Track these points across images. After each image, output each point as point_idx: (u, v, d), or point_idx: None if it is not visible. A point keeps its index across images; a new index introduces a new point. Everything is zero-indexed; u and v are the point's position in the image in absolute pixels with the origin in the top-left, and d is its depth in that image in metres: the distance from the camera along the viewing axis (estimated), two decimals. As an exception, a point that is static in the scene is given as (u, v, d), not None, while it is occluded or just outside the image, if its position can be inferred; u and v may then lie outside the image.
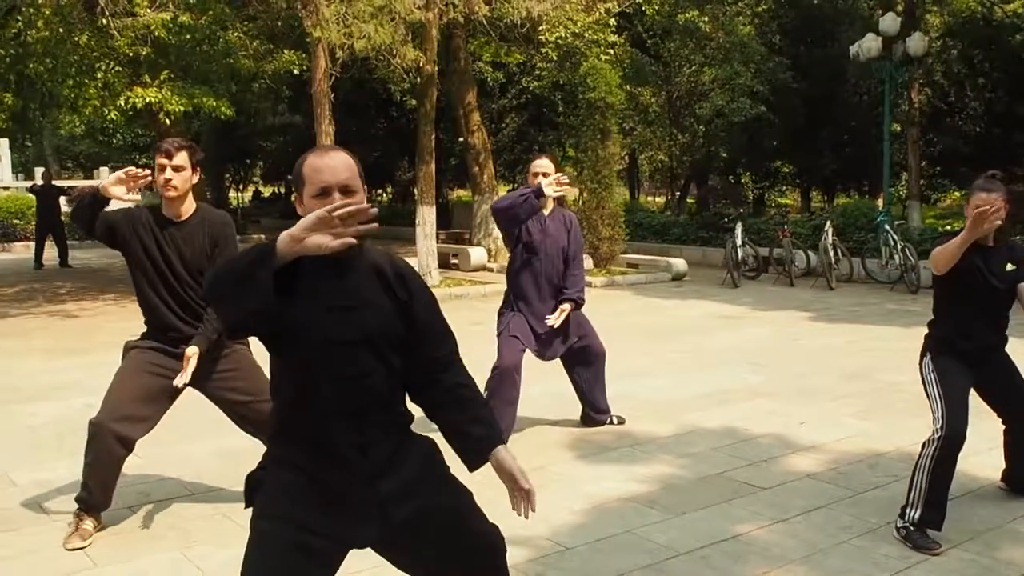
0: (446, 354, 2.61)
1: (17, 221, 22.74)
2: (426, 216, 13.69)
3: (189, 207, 4.30)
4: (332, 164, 2.35)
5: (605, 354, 6.10)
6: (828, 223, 14.63)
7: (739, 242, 14.91)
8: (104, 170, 29.97)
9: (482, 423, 2.59)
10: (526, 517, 2.54)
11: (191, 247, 4.26)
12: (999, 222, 4.13)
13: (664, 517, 4.49)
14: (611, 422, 6.21)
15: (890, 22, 15.65)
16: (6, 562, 4.01)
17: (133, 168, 4.28)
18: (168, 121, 12.14)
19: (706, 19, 19.88)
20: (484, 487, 2.94)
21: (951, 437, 4.20)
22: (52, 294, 13.72)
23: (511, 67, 23.60)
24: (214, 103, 12.48)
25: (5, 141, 27.39)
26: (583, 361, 6.01)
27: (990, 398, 4.62)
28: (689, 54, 21.76)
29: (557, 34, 15.60)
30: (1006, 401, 4.59)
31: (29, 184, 20.66)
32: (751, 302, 12.48)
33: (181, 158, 4.18)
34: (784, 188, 31.44)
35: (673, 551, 4.08)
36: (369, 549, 2.56)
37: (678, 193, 26.71)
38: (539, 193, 5.46)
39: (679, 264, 15.63)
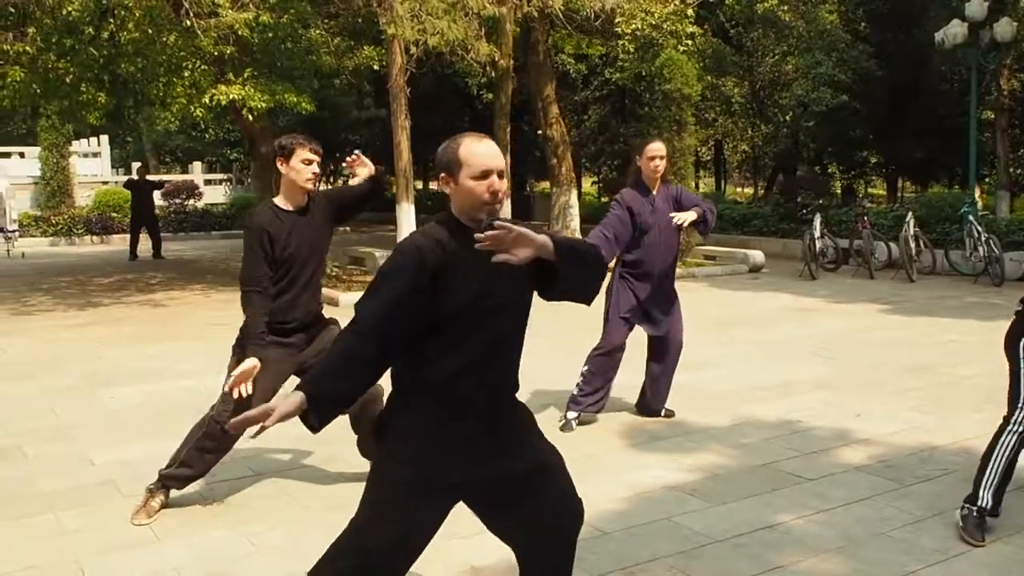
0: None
1: (115, 214, 23.70)
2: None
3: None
4: (491, 151, 2.68)
5: (681, 348, 6.23)
6: (910, 214, 14.35)
7: (817, 234, 14.72)
8: (198, 164, 30.89)
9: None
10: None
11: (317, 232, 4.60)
12: None
13: (704, 506, 4.57)
14: (663, 414, 6.29)
15: (976, 7, 15.21)
16: (73, 535, 4.30)
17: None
18: (251, 117, 12.53)
19: (786, 8, 19.58)
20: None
21: None
22: (144, 284, 14.32)
23: (593, 59, 23.65)
24: (295, 99, 12.86)
25: (105, 138, 28.54)
26: (662, 349, 6.17)
27: None
28: (771, 44, 21.49)
29: (634, 25, 15.59)
30: None
31: (127, 179, 21.50)
32: (827, 294, 12.34)
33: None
34: (872, 178, 30.78)
35: (709, 538, 4.16)
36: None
37: (764, 184, 26.44)
38: None
39: (756, 256, 15.50)
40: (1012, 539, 4.12)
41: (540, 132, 19.22)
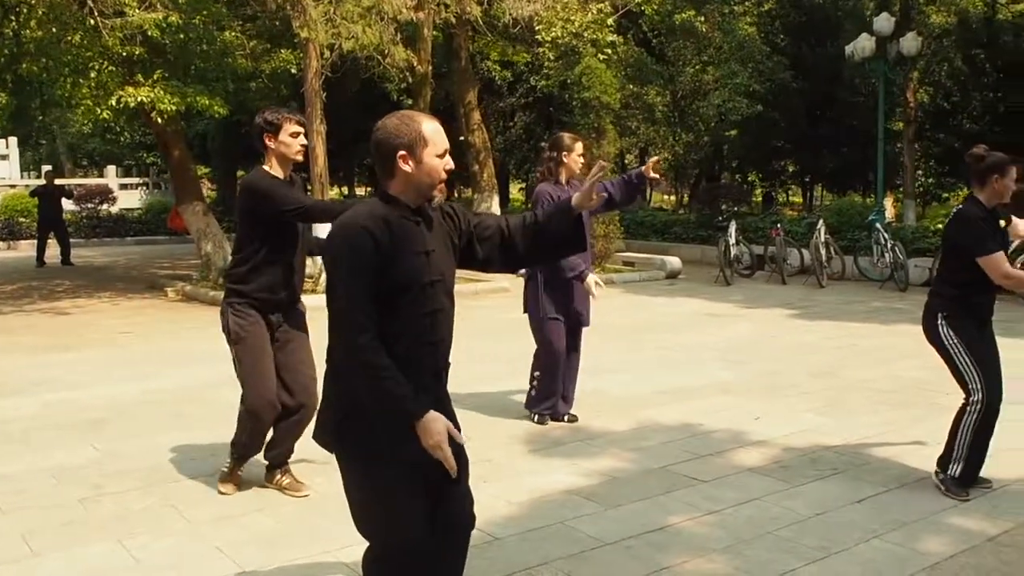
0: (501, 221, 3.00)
1: (23, 219, 22.99)
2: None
3: None
4: (443, 131, 2.78)
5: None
6: (820, 221, 14.66)
7: (732, 240, 14.96)
8: (112, 168, 30.21)
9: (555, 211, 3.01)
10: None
11: None
12: None
13: (599, 509, 4.58)
14: (566, 419, 6.31)
15: (884, 22, 15.64)
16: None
17: None
18: (160, 120, 12.25)
19: (702, 19, 19.87)
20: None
21: (991, 404, 4.55)
22: (49, 291, 13.91)
23: (519, 66, 23.68)
24: (207, 102, 12.60)
25: (13, 140, 27.70)
26: (573, 341, 6.28)
27: None
28: (691, 54, 21.79)
29: (554, 33, 15.66)
30: None
31: (35, 186, 20.88)
32: (739, 300, 12.53)
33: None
34: (792, 186, 31.42)
35: (599, 541, 4.17)
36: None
37: (688, 192, 26.78)
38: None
39: (673, 262, 15.67)
40: (889, 535, 4.20)
41: (461, 138, 19.21)
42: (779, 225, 15.27)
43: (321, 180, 12.63)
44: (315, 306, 4.44)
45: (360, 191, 37.79)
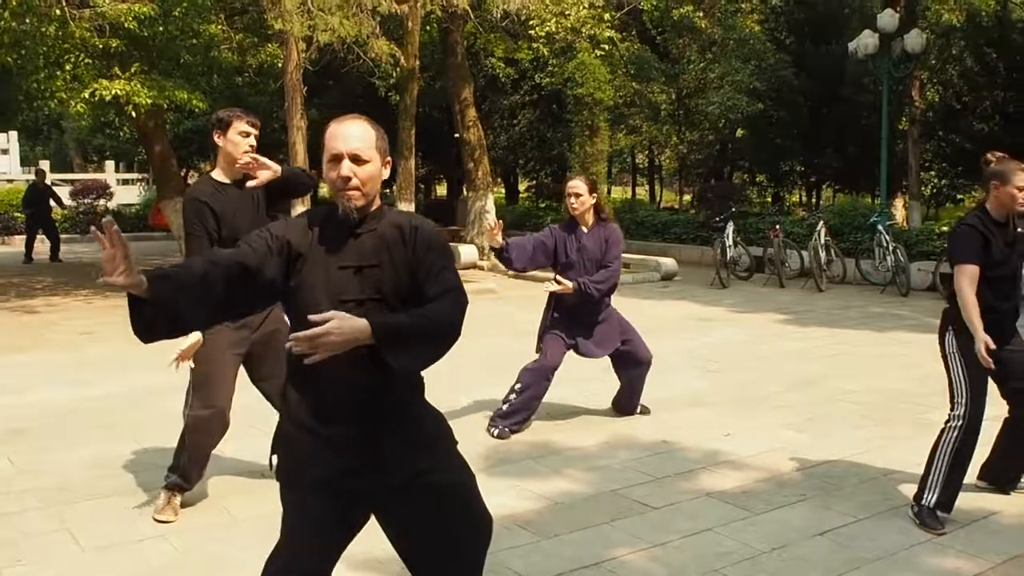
0: (437, 294, 2.54)
1: (19, 214, 22.70)
2: (405, 213, 13.39)
3: None
4: (346, 132, 2.49)
5: (650, 362, 6.31)
6: (820, 222, 14.19)
7: (729, 242, 14.52)
8: (110, 163, 29.96)
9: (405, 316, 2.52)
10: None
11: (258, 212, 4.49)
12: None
13: (532, 540, 4.17)
14: (641, 411, 6.41)
15: (888, 19, 15.12)
16: None
17: None
18: (134, 114, 11.89)
19: (701, 15, 19.40)
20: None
21: (973, 421, 4.33)
22: (27, 289, 13.58)
23: (524, 63, 23.25)
24: (185, 96, 12.24)
25: (14, 134, 27.47)
26: (629, 364, 6.23)
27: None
28: (695, 52, 21.31)
29: (548, 28, 15.25)
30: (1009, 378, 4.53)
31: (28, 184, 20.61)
32: (733, 304, 12.09)
33: None
34: (802, 188, 30.82)
35: (526, 578, 3.77)
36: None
37: (693, 191, 26.31)
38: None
39: (669, 264, 15.24)
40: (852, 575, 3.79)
41: (456, 135, 18.80)
42: (778, 226, 14.78)
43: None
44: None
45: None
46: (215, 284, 2.41)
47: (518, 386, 5.92)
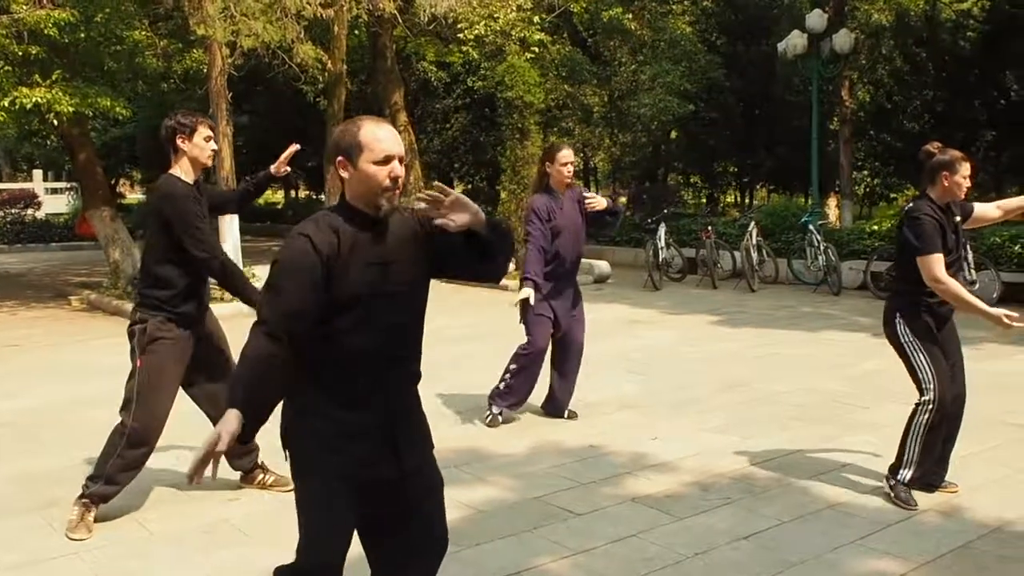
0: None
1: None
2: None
3: None
4: (392, 136, 2.60)
5: (582, 350, 6.39)
6: (752, 223, 14.30)
7: (662, 243, 14.58)
8: (38, 172, 29.28)
9: None
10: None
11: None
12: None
13: (454, 549, 3.99)
14: (568, 416, 6.38)
15: (816, 19, 15.34)
16: None
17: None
18: (56, 123, 11.55)
19: (630, 16, 19.48)
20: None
21: (943, 402, 4.44)
22: (-55, 302, 13.15)
23: (456, 67, 23.15)
24: (108, 103, 11.92)
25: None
26: (563, 353, 6.31)
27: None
28: (626, 54, 21.39)
29: (476, 31, 15.19)
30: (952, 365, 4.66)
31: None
32: (665, 306, 12.12)
33: None
34: (730, 187, 31.16)
35: (444, 592, 3.67)
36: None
37: (626, 193, 26.42)
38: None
39: (602, 266, 15.25)
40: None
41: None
42: (710, 227, 14.87)
43: (227, 185, 12.00)
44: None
45: (304, 194, 37.10)
46: (288, 364, 2.53)
47: (513, 367, 6.16)
